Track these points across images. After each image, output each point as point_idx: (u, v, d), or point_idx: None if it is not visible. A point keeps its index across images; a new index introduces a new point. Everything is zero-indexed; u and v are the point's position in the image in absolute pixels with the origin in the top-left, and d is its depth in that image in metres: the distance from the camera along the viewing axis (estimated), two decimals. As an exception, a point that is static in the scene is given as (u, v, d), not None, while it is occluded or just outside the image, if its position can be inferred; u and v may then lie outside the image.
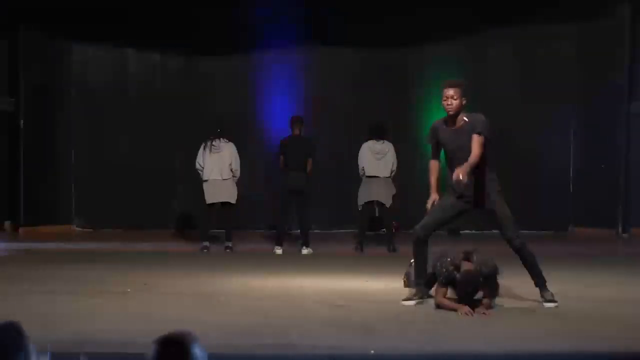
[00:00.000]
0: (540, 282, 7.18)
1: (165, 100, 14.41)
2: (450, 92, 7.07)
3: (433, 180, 7.37)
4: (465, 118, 7.14)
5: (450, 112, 7.11)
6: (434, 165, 7.41)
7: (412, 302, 7.20)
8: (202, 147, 11.45)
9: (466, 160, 6.94)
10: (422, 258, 7.34)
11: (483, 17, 13.74)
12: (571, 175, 14.27)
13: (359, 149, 11.54)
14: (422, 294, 7.25)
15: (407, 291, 7.62)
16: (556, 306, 7.01)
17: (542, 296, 7.12)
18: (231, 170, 11.39)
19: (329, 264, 10.07)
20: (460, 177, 6.79)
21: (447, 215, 7.36)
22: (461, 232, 13.17)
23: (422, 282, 7.29)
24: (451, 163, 7.19)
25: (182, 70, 14.67)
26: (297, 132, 11.50)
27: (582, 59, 14.00)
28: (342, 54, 14.20)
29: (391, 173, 11.49)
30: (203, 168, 11.39)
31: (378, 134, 11.51)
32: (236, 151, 11.45)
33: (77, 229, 14.40)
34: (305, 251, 11.22)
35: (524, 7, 13.68)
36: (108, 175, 14.30)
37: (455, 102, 7.08)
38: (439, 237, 10.56)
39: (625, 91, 13.34)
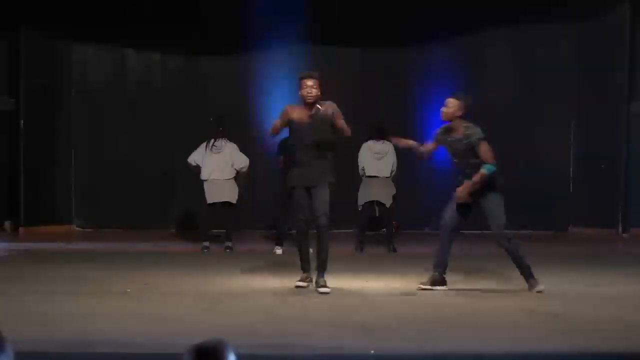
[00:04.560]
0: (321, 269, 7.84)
1: (165, 100, 14.41)
2: (310, 82, 7.73)
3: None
4: (319, 106, 7.75)
5: (310, 100, 7.75)
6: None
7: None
8: (204, 145, 11.47)
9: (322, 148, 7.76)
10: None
11: (483, 17, 13.73)
12: (571, 175, 14.27)
13: (359, 149, 11.54)
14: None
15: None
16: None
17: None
18: (235, 170, 11.42)
19: (329, 264, 10.06)
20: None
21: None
22: (462, 232, 13.15)
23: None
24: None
25: (182, 70, 14.67)
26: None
27: (582, 59, 13.99)
28: (342, 54, 14.20)
29: (391, 173, 11.49)
30: (196, 164, 11.43)
31: (378, 134, 11.51)
32: (238, 150, 11.49)
33: (77, 229, 14.40)
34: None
35: (524, 7, 13.67)
36: (108, 175, 14.31)
37: (314, 91, 7.74)
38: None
39: (625, 91, 13.33)
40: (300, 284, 7.96)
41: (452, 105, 7.85)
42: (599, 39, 13.74)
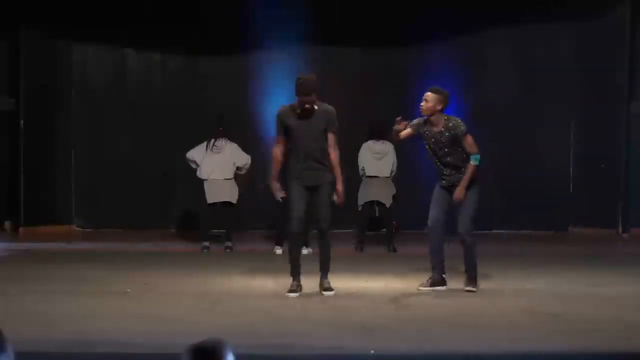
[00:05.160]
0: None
1: (165, 100, 14.41)
2: (306, 99, 7.62)
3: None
4: (315, 107, 7.75)
5: (307, 109, 7.71)
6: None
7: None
8: (204, 145, 11.48)
9: (319, 148, 7.71)
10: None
11: (483, 17, 13.73)
12: (571, 175, 14.27)
13: (359, 149, 11.54)
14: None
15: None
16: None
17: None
18: (238, 167, 11.43)
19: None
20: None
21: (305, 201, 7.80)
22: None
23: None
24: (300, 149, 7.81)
25: (182, 70, 14.67)
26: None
27: (582, 59, 13.99)
28: (342, 54, 14.19)
29: (391, 173, 11.49)
30: (193, 160, 11.43)
31: (378, 134, 11.51)
32: (239, 149, 11.50)
33: (77, 229, 14.40)
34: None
35: (524, 7, 13.67)
36: (108, 175, 14.30)
37: (310, 106, 7.69)
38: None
39: (625, 91, 13.33)
40: (291, 294, 7.72)
41: (431, 99, 7.86)
42: (599, 39, 13.73)
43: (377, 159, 11.42)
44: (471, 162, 7.73)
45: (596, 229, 13.40)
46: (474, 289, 7.79)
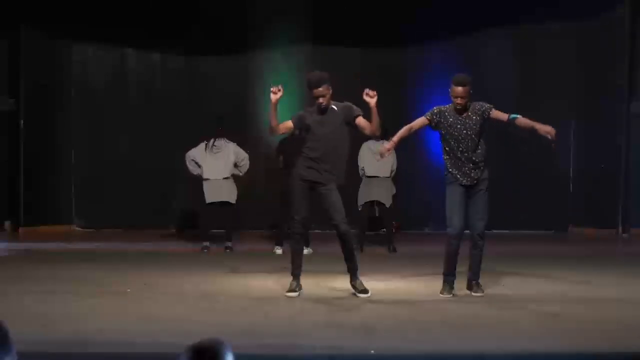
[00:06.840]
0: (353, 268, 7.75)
1: (165, 100, 14.41)
2: (321, 89, 8.02)
3: None
4: (334, 107, 8.00)
5: (324, 107, 7.95)
6: None
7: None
8: (203, 144, 11.47)
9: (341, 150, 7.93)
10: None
11: (482, 16, 13.73)
12: (571, 175, 14.27)
13: (359, 149, 11.53)
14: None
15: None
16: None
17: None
18: (236, 166, 11.41)
19: (329, 264, 10.06)
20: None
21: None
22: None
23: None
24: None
25: (182, 70, 14.67)
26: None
27: (582, 59, 13.99)
28: (342, 54, 14.19)
29: (391, 173, 11.49)
30: (193, 160, 11.42)
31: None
32: (238, 148, 11.48)
33: (77, 229, 14.40)
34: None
35: (524, 7, 13.68)
36: (108, 175, 14.31)
37: (326, 100, 8.07)
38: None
39: (625, 91, 13.34)
40: (290, 294, 7.69)
41: (467, 94, 7.83)
42: (599, 39, 13.74)
43: (377, 159, 11.41)
44: (518, 117, 7.87)
45: (596, 229, 13.41)
46: (479, 294, 7.61)
